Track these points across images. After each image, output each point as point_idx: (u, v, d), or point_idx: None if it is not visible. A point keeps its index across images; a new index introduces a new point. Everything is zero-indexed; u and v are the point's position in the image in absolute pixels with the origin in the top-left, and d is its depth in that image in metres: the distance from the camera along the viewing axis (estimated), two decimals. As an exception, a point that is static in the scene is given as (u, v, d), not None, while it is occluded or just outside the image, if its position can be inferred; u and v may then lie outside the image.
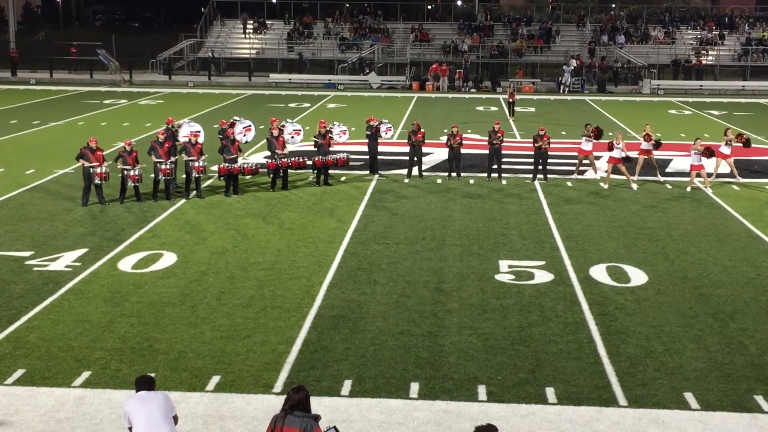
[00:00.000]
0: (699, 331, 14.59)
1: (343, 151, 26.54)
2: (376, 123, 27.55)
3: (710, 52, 63.28)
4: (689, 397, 12.15)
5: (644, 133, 26.92)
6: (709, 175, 26.00)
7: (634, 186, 25.60)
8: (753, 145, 29.68)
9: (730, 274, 17.71)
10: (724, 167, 27.07)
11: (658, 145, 26.98)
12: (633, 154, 26.94)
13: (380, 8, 70.76)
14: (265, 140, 25.90)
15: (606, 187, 25.61)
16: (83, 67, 64.74)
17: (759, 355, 13.61)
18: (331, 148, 26.11)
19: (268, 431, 8.56)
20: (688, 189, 25.44)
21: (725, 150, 26.66)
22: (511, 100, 42.19)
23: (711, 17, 69.28)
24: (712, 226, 21.52)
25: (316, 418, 8.48)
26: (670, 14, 70.38)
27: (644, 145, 26.80)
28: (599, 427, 11.33)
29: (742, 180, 26.75)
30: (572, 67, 57.80)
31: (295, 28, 66.88)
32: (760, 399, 12.10)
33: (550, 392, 12.25)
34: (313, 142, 26.21)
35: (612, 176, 26.06)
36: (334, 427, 8.47)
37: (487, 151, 27.28)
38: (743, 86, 58.93)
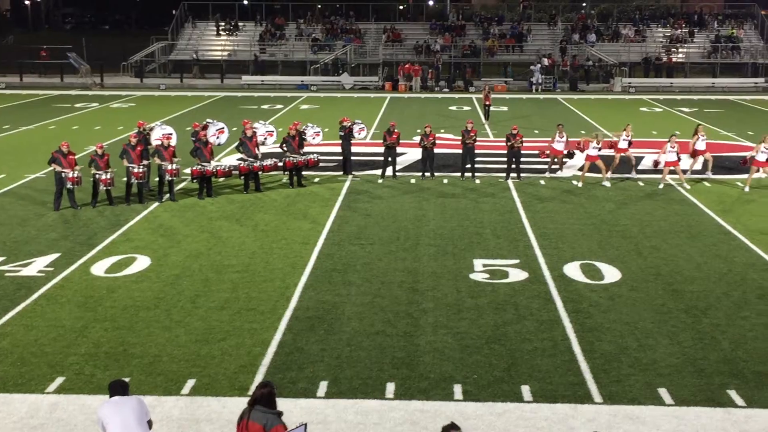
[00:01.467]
0: (672, 326, 14.69)
1: (312, 153, 26.51)
2: (349, 123, 27.51)
3: (680, 50, 63.79)
4: (663, 392, 12.23)
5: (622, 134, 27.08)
6: (684, 171, 26.21)
7: (607, 183, 25.75)
8: (722, 142, 29.89)
9: (702, 269, 17.85)
10: (696, 164, 27.33)
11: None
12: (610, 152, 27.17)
13: (352, 9, 70.72)
14: (238, 142, 25.78)
15: (581, 185, 25.72)
16: (54, 70, 64.25)
17: (732, 350, 13.73)
18: (302, 150, 26.04)
19: (237, 425, 8.66)
20: (661, 186, 25.62)
21: (700, 145, 26.87)
22: (487, 103, 41.65)
23: (681, 15, 69.86)
24: (684, 222, 21.69)
25: (279, 414, 8.56)
26: (641, 12, 70.90)
27: (621, 144, 27.00)
28: (574, 424, 11.38)
29: (713, 176, 26.98)
30: (540, 66, 57.96)
31: (267, 29, 66.73)
32: (733, 393, 12.20)
33: (526, 390, 12.29)
34: (280, 143, 26.17)
35: (587, 174, 26.17)
36: (304, 425, 8.54)
37: (460, 151, 27.35)
38: (713, 83, 59.43)
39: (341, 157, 27.68)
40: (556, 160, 27.71)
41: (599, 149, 25.67)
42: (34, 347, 13.78)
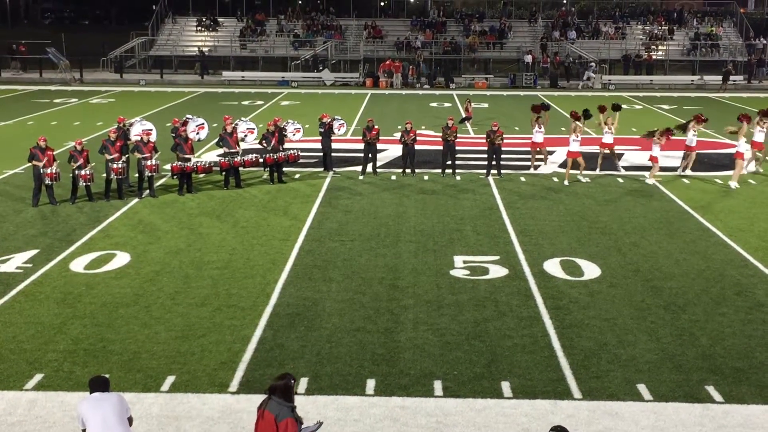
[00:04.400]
0: (651, 323, 14.77)
1: (293, 149, 26.48)
2: (329, 120, 27.48)
3: (660, 47, 64.09)
4: (642, 388, 12.29)
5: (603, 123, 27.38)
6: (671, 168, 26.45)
7: (584, 179, 25.84)
8: (701, 139, 30.12)
9: (681, 266, 17.94)
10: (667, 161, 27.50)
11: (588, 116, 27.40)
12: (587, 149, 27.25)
13: (333, 5, 70.59)
14: (218, 138, 25.71)
15: (567, 183, 25.70)
16: (33, 66, 63.79)
17: (710, 346, 13.81)
18: (283, 146, 25.99)
19: (257, 410, 8.78)
20: (650, 181, 25.76)
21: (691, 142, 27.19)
22: (466, 116, 39.44)
23: (660, 12, 70.16)
24: (663, 219, 21.79)
25: (293, 408, 8.64)
26: (621, 10, 71.16)
27: (606, 138, 27.23)
28: (554, 420, 11.40)
29: (691, 173, 27.14)
30: (595, 66, 57.96)
31: (248, 25, 66.56)
32: (711, 389, 12.27)
33: (506, 386, 12.32)
34: (259, 139, 26.09)
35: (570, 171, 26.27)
36: (320, 423, 8.88)
37: (440, 147, 27.38)
38: (692, 80, 59.69)
39: (321, 154, 27.65)
40: (539, 155, 27.84)
41: (579, 143, 25.80)
42: (12, 344, 13.70)
